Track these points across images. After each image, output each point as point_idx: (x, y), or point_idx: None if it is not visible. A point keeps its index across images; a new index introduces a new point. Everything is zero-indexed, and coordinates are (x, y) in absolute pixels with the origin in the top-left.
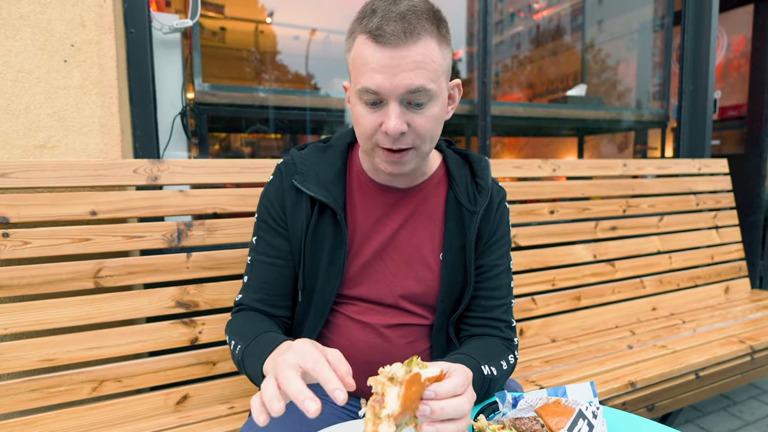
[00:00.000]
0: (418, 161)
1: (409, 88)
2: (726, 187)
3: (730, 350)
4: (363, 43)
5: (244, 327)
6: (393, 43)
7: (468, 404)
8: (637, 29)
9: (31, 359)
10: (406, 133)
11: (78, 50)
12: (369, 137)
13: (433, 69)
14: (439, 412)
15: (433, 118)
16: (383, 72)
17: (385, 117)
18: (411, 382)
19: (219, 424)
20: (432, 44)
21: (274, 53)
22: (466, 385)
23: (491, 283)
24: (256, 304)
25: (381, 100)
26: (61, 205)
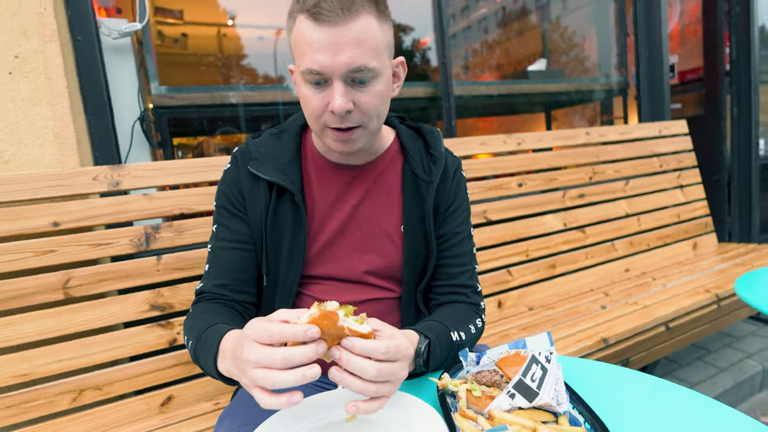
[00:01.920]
0: (367, 138)
1: (351, 66)
2: (687, 147)
3: (696, 300)
4: (302, 22)
5: (195, 322)
6: (332, 21)
7: (374, 370)
8: (593, 2)
9: (4, 375)
10: (353, 112)
11: (23, 61)
12: (317, 118)
13: (374, 46)
14: (344, 362)
15: (378, 96)
16: (324, 51)
17: (330, 97)
18: (323, 316)
19: (205, 420)
20: (371, 20)
21: (240, 56)
22: (388, 354)
23: (454, 250)
24: (217, 290)
25: (325, 80)
26: (21, 219)
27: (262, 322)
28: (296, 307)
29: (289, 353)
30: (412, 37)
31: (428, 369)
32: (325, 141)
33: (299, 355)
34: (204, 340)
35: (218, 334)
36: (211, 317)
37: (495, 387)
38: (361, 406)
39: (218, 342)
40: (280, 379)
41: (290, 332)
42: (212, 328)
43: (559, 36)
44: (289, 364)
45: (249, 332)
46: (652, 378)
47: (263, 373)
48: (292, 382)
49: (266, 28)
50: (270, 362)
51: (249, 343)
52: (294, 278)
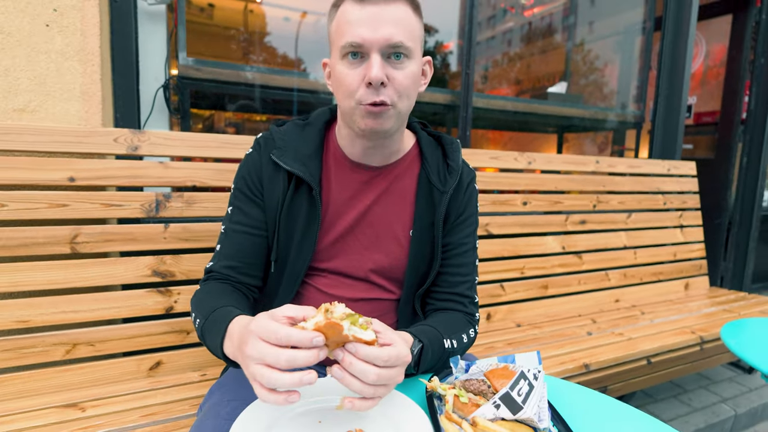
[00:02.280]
0: (395, 120)
1: (389, 41)
2: (692, 188)
3: (681, 339)
4: (346, 5)
5: (204, 301)
6: (374, 2)
7: (373, 375)
8: (620, 32)
9: (6, 320)
10: (387, 86)
11: (61, 15)
12: (351, 94)
13: (410, 30)
14: (347, 364)
15: (411, 77)
16: (365, 25)
17: (367, 69)
18: (329, 325)
19: (191, 389)
20: (408, 9)
21: (263, 34)
22: (388, 361)
23: (457, 260)
24: (226, 271)
25: (362, 54)
26: (39, 169)
27: (269, 320)
28: (299, 295)
29: (293, 356)
30: (436, 39)
31: (418, 371)
32: (356, 120)
33: (302, 359)
34: (213, 321)
35: (226, 317)
36: (219, 298)
37: (481, 396)
38: (356, 403)
39: (226, 325)
40: (279, 379)
41: (296, 339)
42: (221, 310)
43: (582, 59)
44: (292, 365)
45: (255, 329)
46: (631, 408)
47: (263, 371)
48: (289, 385)
49: (293, 10)
50: (274, 362)
51: (254, 340)
52: (301, 268)
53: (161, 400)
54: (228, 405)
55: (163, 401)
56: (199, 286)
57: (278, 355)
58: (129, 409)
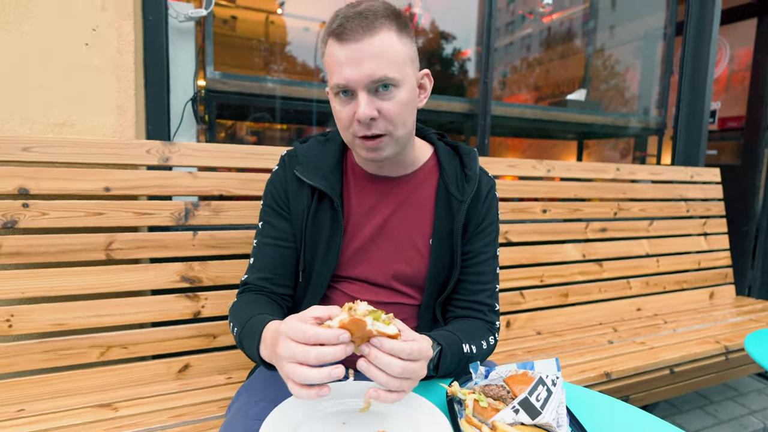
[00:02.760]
0: (394, 147)
1: (372, 77)
2: (717, 195)
3: (705, 349)
4: (330, 44)
5: (240, 311)
6: (354, 38)
7: (398, 368)
8: (641, 37)
9: (45, 323)
10: (377, 119)
11: (99, 34)
12: (346, 128)
13: (394, 58)
14: (373, 357)
15: (402, 104)
16: (348, 65)
17: (356, 106)
18: (353, 322)
19: (217, 392)
20: (391, 36)
21: (283, 44)
22: (411, 354)
23: (477, 268)
24: (260, 283)
25: (351, 92)
26: (78, 179)
27: (298, 321)
28: (326, 299)
29: (321, 353)
30: (454, 46)
31: (437, 374)
32: (357, 151)
33: (330, 355)
34: (248, 329)
35: (261, 324)
36: (254, 307)
37: (500, 401)
38: (381, 395)
39: (260, 331)
40: (309, 375)
41: (324, 336)
42: (255, 318)
43: (602, 65)
44: (321, 361)
45: (285, 330)
46: (653, 417)
47: (294, 368)
48: (319, 379)
49: (312, 20)
50: (304, 359)
51: (284, 340)
52: (326, 277)
53: (190, 401)
54: (256, 405)
55: (192, 402)
56: (236, 298)
57: (308, 353)
58: (159, 410)
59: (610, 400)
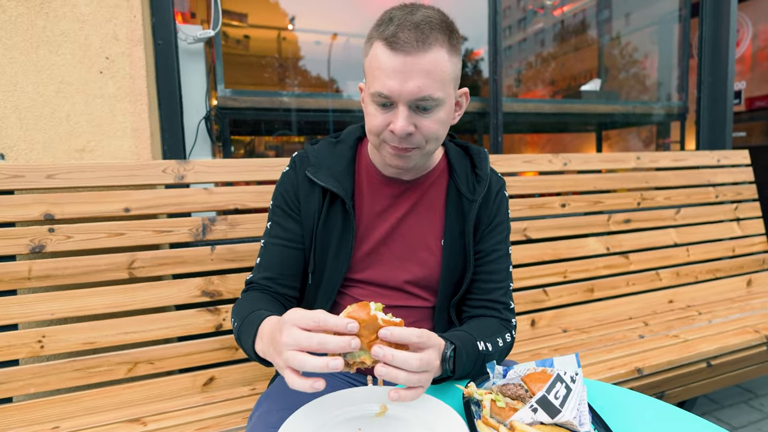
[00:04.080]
0: (421, 158)
1: (417, 95)
2: (747, 178)
3: (743, 339)
4: (379, 48)
5: (242, 308)
6: (406, 50)
7: (416, 361)
8: (655, 22)
9: (75, 342)
10: (413, 134)
11: (112, 62)
12: (378, 134)
13: (442, 77)
14: (389, 358)
15: (439, 122)
16: (395, 77)
17: (394, 118)
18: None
19: (242, 403)
20: (442, 53)
21: (296, 58)
22: (421, 338)
23: (490, 267)
24: (265, 282)
25: (391, 103)
26: (99, 202)
27: (305, 311)
28: (336, 305)
29: (324, 338)
30: (466, 47)
31: (454, 374)
32: (382, 154)
33: (333, 343)
34: (247, 323)
35: (259, 319)
36: (256, 304)
37: (519, 400)
38: (402, 393)
39: (258, 325)
40: (307, 361)
41: (333, 322)
42: (255, 314)
43: (618, 54)
44: (323, 348)
45: (291, 317)
46: (688, 414)
47: (295, 355)
48: (317, 368)
49: (324, 33)
50: (306, 344)
51: (289, 328)
52: (337, 279)
53: (215, 413)
54: (276, 414)
55: (217, 415)
56: (240, 296)
57: (311, 337)
58: (186, 423)
59: (641, 396)
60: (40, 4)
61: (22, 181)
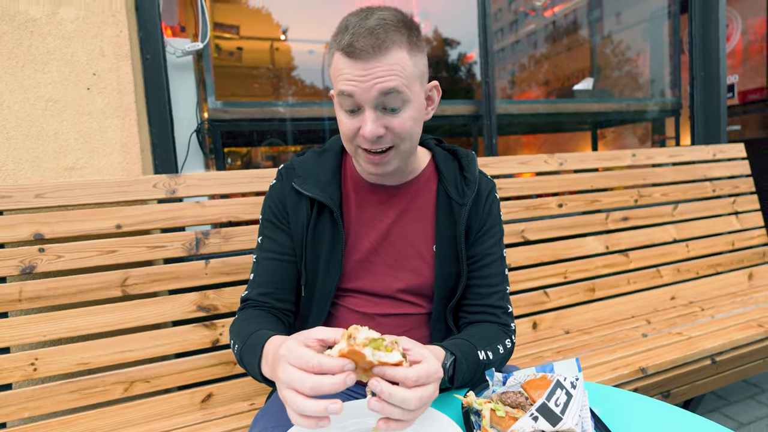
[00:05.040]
0: (400, 160)
1: (380, 91)
2: (744, 171)
3: (747, 334)
4: (338, 58)
5: (241, 328)
6: (363, 58)
7: (415, 401)
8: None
9: (69, 363)
10: (384, 135)
11: (99, 78)
12: (350, 140)
13: (404, 76)
14: (386, 395)
15: (409, 120)
16: (356, 83)
17: (362, 122)
18: (352, 353)
19: (240, 419)
20: (402, 54)
21: (290, 68)
22: (419, 380)
23: (485, 271)
24: (261, 298)
25: (358, 107)
26: (90, 220)
27: (300, 345)
28: (331, 316)
29: (318, 382)
30: (458, 51)
31: (453, 385)
32: (360, 163)
33: (328, 386)
34: (249, 345)
35: (261, 340)
36: (255, 323)
37: (519, 408)
38: (392, 425)
39: (261, 347)
40: (305, 406)
41: (328, 366)
42: (256, 335)
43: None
44: (317, 392)
45: (285, 354)
46: (691, 415)
47: (291, 396)
48: (314, 412)
49: (316, 42)
50: (299, 387)
51: (284, 365)
52: (330, 290)
53: (214, 430)
54: (273, 431)
55: (216, 431)
56: (237, 315)
57: (303, 381)
58: None
59: (643, 398)
60: (25, 23)
61: (11, 202)
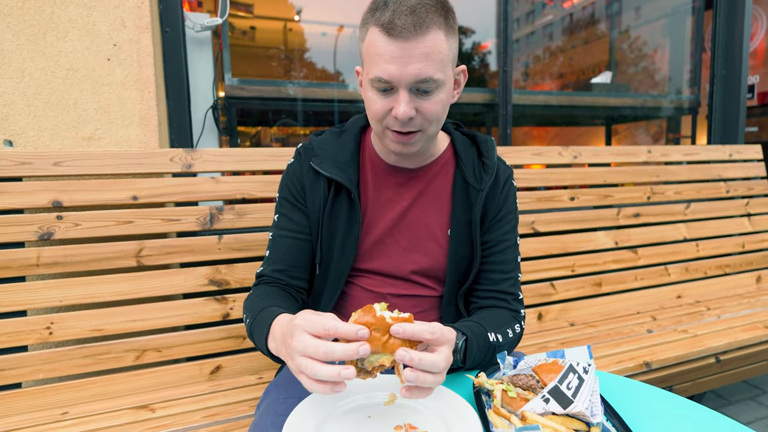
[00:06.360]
0: (425, 142)
1: (417, 77)
2: (760, 173)
3: (753, 335)
4: (375, 34)
5: (254, 303)
6: (404, 36)
7: (442, 361)
8: (668, 14)
9: (83, 329)
10: (415, 117)
11: (120, 49)
12: (380, 120)
13: (441, 59)
14: (416, 362)
15: (440, 103)
16: (394, 63)
17: (395, 103)
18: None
19: (248, 392)
20: (440, 35)
21: (302, 50)
22: (434, 333)
23: (498, 257)
24: (275, 275)
25: (392, 87)
26: (107, 190)
27: (317, 315)
28: (344, 294)
29: (330, 347)
30: (473, 40)
31: (465, 365)
32: (385, 141)
33: (340, 351)
34: (259, 321)
35: (271, 317)
36: (267, 299)
37: (530, 391)
38: (415, 392)
39: (270, 323)
40: (319, 371)
41: (343, 330)
42: (266, 310)
43: (628, 47)
44: (330, 357)
45: (300, 322)
46: (698, 406)
47: (306, 362)
48: (328, 376)
49: (329, 24)
50: (313, 353)
51: (299, 332)
52: (345, 269)
53: (222, 401)
54: (284, 402)
55: (224, 403)
56: (251, 290)
57: (317, 346)
58: (193, 410)
59: (651, 388)
60: None
61: (30, 168)
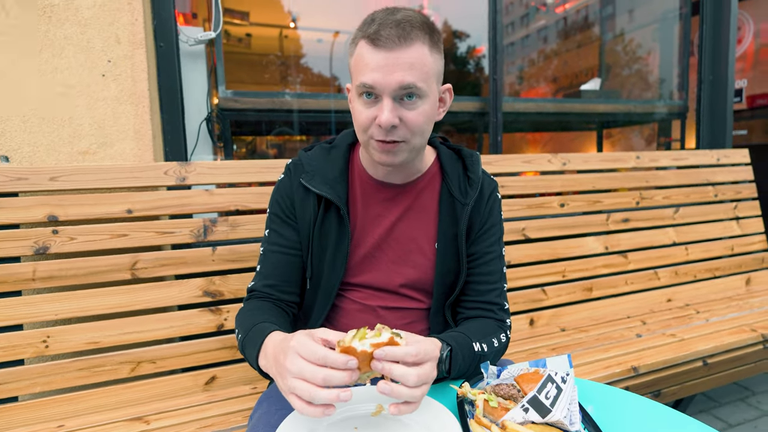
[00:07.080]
0: (408, 154)
1: (401, 84)
2: (747, 177)
3: (739, 338)
4: (363, 46)
5: (246, 318)
6: (388, 47)
7: (414, 377)
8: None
9: (79, 342)
10: (398, 127)
11: (114, 65)
12: (365, 130)
13: (425, 71)
14: (387, 371)
15: (424, 115)
16: (379, 71)
17: (379, 111)
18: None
19: (243, 402)
20: (424, 49)
21: (298, 56)
22: (417, 356)
23: (484, 269)
24: (266, 290)
25: (376, 96)
26: (102, 204)
27: (309, 339)
28: (335, 308)
29: (330, 375)
30: (468, 44)
31: (450, 375)
32: (371, 152)
33: (338, 379)
34: (251, 337)
35: (263, 333)
36: (259, 314)
37: (511, 400)
38: (401, 408)
39: (262, 341)
40: (318, 394)
41: (332, 360)
42: (258, 326)
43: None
44: (328, 384)
45: (295, 345)
46: (679, 414)
47: (303, 386)
48: (327, 400)
49: (325, 31)
50: (311, 378)
51: (293, 355)
52: (335, 284)
53: (217, 412)
54: (276, 414)
55: (218, 413)
56: (243, 304)
57: (315, 373)
58: (188, 421)
59: (632, 396)
60: (43, 9)
61: (26, 184)
